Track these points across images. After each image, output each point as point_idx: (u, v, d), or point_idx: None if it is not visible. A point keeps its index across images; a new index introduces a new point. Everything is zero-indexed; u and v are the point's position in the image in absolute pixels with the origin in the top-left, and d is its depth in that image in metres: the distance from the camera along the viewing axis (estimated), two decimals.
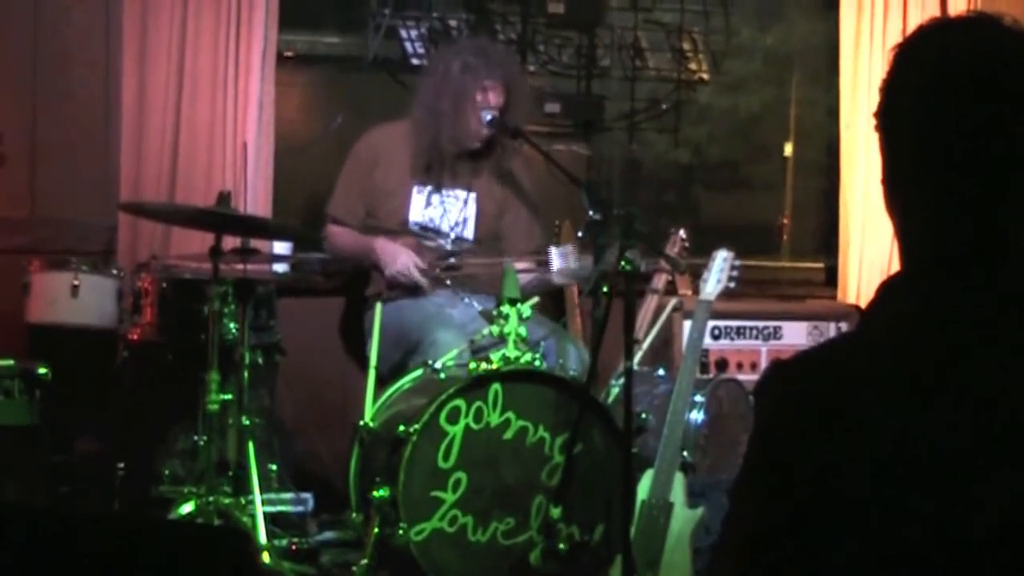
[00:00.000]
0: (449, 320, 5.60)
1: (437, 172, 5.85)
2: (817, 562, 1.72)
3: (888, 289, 1.83)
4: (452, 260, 5.84)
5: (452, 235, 5.87)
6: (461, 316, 5.67)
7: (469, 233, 5.90)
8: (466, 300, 5.80)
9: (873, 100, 1.87)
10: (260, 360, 5.72)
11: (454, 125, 5.75)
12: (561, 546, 4.78)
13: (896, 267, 1.88)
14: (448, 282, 5.82)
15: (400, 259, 5.71)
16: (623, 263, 4.64)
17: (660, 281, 5.92)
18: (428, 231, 5.86)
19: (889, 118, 1.85)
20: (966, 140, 1.77)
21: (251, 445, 5.35)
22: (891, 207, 1.88)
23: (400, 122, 5.95)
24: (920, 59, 1.83)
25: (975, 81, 1.77)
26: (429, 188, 5.86)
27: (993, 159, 1.77)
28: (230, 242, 5.48)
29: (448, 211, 5.88)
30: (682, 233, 5.70)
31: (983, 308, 1.76)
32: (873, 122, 1.88)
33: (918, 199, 1.83)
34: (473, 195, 5.90)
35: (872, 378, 1.74)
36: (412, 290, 5.74)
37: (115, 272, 5.96)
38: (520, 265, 5.61)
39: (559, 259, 5.51)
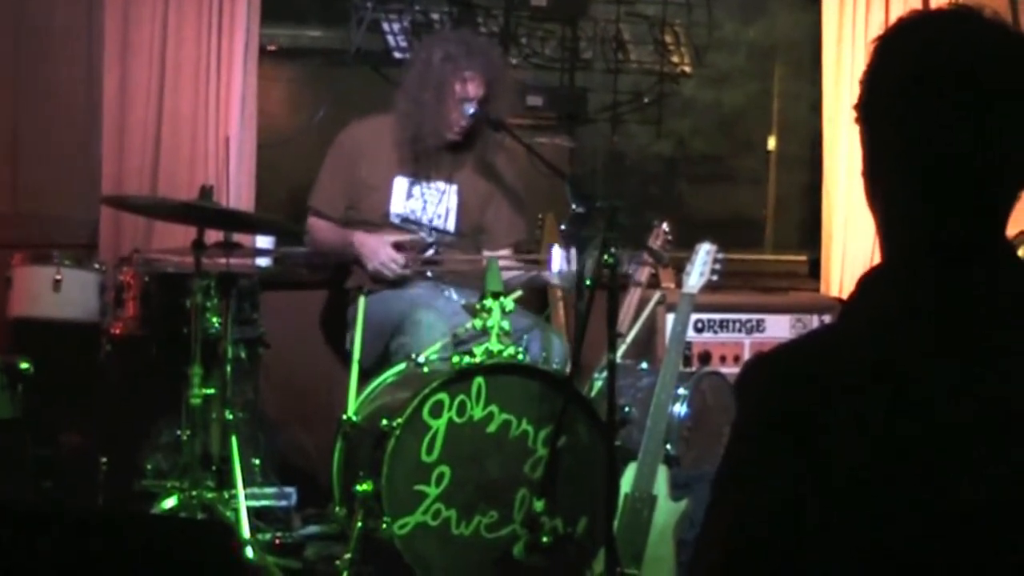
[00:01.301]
0: (434, 305, 5.61)
1: (420, 164, 5.86)
2: (800, 555, 1.72)
3: (869, 281, 1.83)
4: (431, 252, 5.85)
5: (432, 229, 5.87)
6: (443, 307, 5.67)
7: (451, 225, 5.90)
8: (447, 293, 5.81)
9: (856, 94, 1.88)
10: (243, 354, 5.72)
11: (435, 115, 5.76)
12: (545, 539, 4.78)
13: (879, 260, 1.89)
14: (429, 274, 5.82)
15: (381, 253, 5.72)
16: (606, 256, 4.64)
17: (643, 274, 5.91)
18: (409, 223, 5.87)
19: (870, 110, 1.85)
20: (946, 131, 1.77)
21: (234, 439, 5.34)
22: (872, 200, 1.89)
23: (384, 115, 5.96)
24: (901, 51, 1.83)
25: (955, 73, 1.77)
26: (411, 180, 5.87)
27: (974, 149, 1.78)
28: (213, 236, 5.47)
29: (429, 203, 5.89)
30: (665, 226, 5.70)
31: (966, 299, 1.76)
32: (855, 115, 1.88)
33: (899, 191, 1.83)
34: (455, 187, 5.91)
35: (854, 370, 1.74)
36: (394, 282, 5.75)
37: (97, 266, 5.95)
38: (504, 262, 5.62)
39: (562, 261, 5.49)
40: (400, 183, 5.87)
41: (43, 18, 6.46)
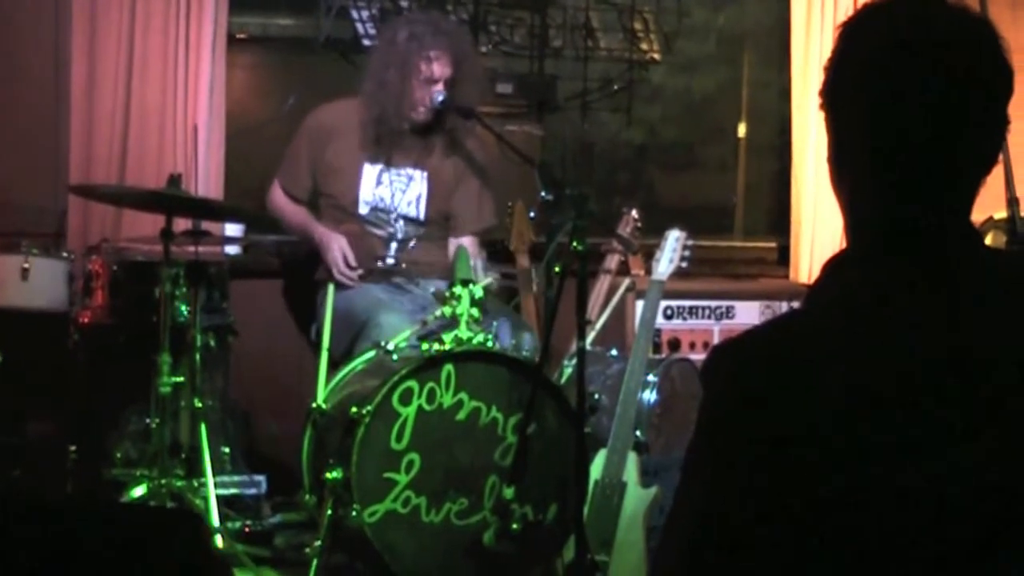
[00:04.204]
0: (398, 305, 5.60)
1: (387, 149, 5.82)
2: (769, 539, 1.72)
3: (834, 266, 1.84)
4: (391, 260, 5.83)
5: (401, 218, 5.85)
6: (411, 302, 5.67)
7: (420, 213, 5.87)
8: (421, 285, 5.79)
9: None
10: (212, 342, 5.71)
11: (400, 95, 5.71)
12: (515, 526, 4.78)
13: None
14: (392, 263, 5.82)
15: (329, 254, 5.72)
16: (575, 243, 4.64)
17: (612, 261, 5.92)
18: (378, 211, 5.85)
19: (834, 96, 1.85)
20: (912, 115, 1.78)
21: (203, 427, 5.35)
22: (838, 186, 1.89)
23: (351, 99, 5.92)
24: (864, 36, 1.83)
25: (920, 57, 1.78)
26: (380, 166, 5.84)
27: (939, 134, 1.78)
28: (181, 224, 5.46)
29: (398, 190, 5.86)
30: (634, 213, 5.71)
31: (931, 282, 1.77)
32: (820, 101, 1.88)
33: (863, 176, 1.84)
34: (424, 173, 5.88)
35: (820, 354, 1.74)
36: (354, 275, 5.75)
37: (66, 255, 5.92)
38: None
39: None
40: (370, 170, 5.83)
41: (10, 7, 6.42)
